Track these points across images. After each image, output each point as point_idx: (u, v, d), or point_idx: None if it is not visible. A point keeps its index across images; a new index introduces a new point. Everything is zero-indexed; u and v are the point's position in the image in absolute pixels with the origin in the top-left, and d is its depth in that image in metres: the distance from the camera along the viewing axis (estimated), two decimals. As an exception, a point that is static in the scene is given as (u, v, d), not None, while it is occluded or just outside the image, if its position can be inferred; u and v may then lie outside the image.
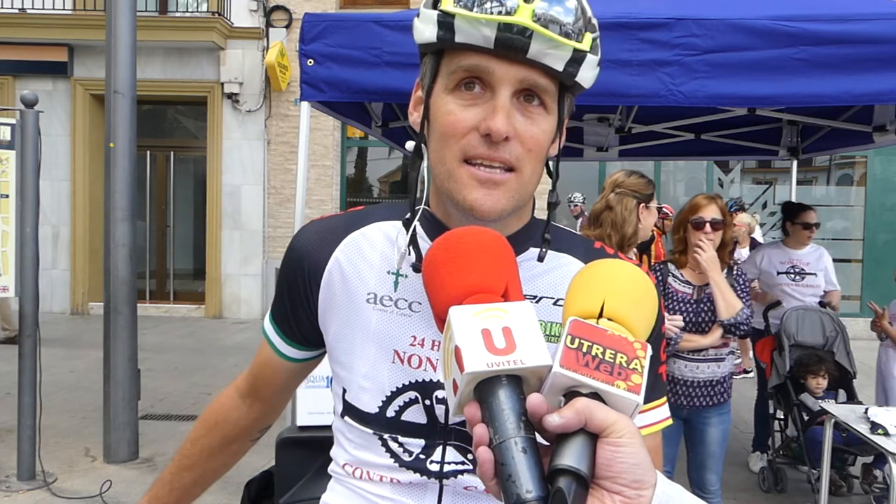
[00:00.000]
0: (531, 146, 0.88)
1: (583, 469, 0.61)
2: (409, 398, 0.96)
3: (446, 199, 0.93)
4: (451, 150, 0.89)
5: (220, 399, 1.24)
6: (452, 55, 0.88)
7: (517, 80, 0.86)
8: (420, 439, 0.96)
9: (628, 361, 0.66)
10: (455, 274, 0.73)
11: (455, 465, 0.96)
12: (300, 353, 1.13)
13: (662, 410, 1.00)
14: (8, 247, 4.27)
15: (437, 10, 0.86)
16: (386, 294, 0.98)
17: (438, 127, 0.90)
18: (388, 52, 2.95)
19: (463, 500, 0.96)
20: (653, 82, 2.84)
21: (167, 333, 9.47)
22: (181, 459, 1.23)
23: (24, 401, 4.27)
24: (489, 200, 0.88)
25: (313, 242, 1.04)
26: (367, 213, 1.06)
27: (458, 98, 0.88)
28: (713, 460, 3.33)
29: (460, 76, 0.88)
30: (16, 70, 10.64)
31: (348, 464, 1.02)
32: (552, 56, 0.85)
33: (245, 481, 1.68)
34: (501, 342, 0.66)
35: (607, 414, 0.62)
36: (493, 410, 0.64)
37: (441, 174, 0.91)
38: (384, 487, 0.98)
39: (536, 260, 0.97)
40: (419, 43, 0.92)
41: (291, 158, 10.47)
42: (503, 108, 0.85)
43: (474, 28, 0.83)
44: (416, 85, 0.99)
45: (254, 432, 1.24)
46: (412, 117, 0.99)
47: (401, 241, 0.98)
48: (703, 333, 3.23)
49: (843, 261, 10.34)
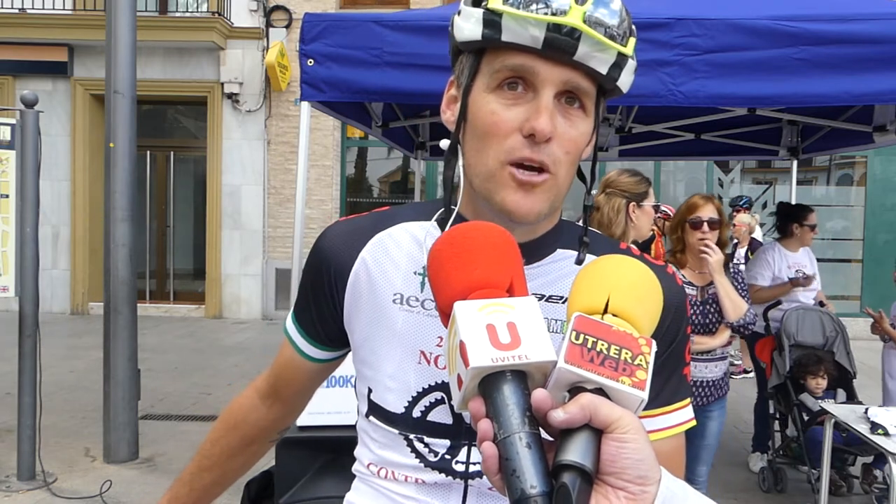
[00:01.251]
0: (569, 149, 0.88)
1: (587, 464, 0.60)
2: (435, 398, 0.96)
3: (481, 199, 0.92)
4: (493, 150, 0.87)
5: (239, 400, 1.24)
6: (496, 54, 0.87)
7: (561, 82, 0.85)
8: (446, 440, 0.96)
9: (633, 357, 0.65)
10: (460, 269, 0.73)
11: (480, 466, 0.96)
12: (323, 354, 1.12)
13: (686, 412, 1.00)
14: (8, 247, 4.27)
15: (482, 8, 0.85)
16: (412, 295, 0.98)
17: (480, 126, 0.89)
18: (388, 52, 2.96)
19: (487, 500, 0.96)
20: (653, 82, 2.84)
21: (167, 333, 9.47)
22: (201, 460, 1.23)
23: (24, 401, 4.27)
24: (527, 203, 0.87)
25: (339, 243, 1.04)
26: (392, 213, 1.05)
27: (500, 97, 0.87)
28: (708, 452, 3.37)
29: (504, 75, 0.87)
30: (16, 70, 10.64)
31: (373, 463, 1.02)
32: (598, 59, 0.84)
33: (245, 481, 1.68)
34: (506, 337, 0.65)
35: (612, 410, 0.62)
36: (497, 405, 0.64)
37: (480, 174, 0.90)
38: (409, 487, 0.98)
39: (574, 262, 0.97)
40: (460, 41, 0.90)
41: (291, 158, 10.47)
42: (547, 109, 0.84)
43: (522, 27, 0.82)
44: (450, 83, 0.98)
45: (273, 433, 1.24)
46: (445, 115, 0.98)
47: (429, 242, 0.98)
48: (711, 334, 3.24)
49: (843, 261, 10.35)
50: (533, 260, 0.96)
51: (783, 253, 4.81)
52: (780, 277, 4.75)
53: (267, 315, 10.77)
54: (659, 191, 10.79)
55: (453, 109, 0.96)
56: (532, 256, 0.95)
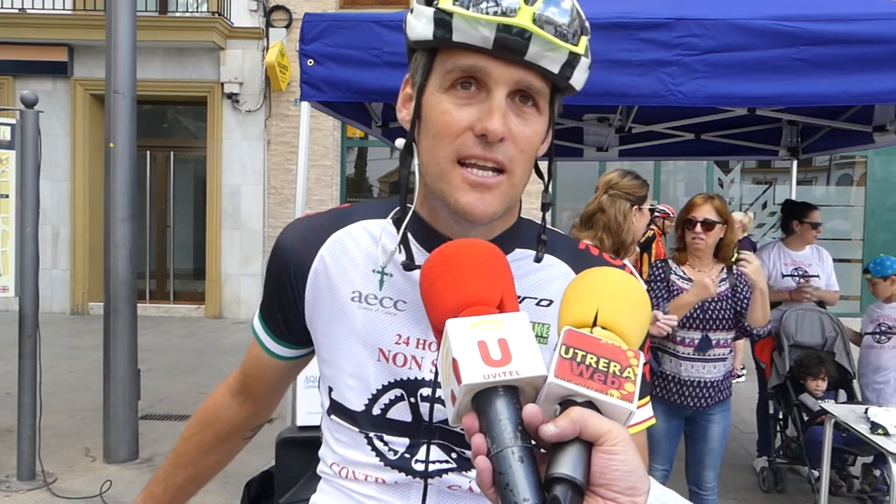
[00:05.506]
0: (524, 147, 0.88)
1: (578, 477, 0.62)
2: (394, 396, 0.97)
3: (436, 199, 0.92)
4: (444, 149, 0.88)
5: (212, 397, 1.25)
6: (448, 54, 0.87)
7: (513, 82, 0.86)
8: (405, 438, 0.97)
9: (621, 370, 0.67)
10: (452, 286, 0.73)
11: (439, 464, 0.96)
12: (289, 352, 1.13)
13: (646, 410, 1.02)
14: (8, 247, 4.27)
15: (432, 8, 0.85)
16: (371, 293, 0.98)
17: (432, 126, 0.89)
18: (387, 53, 2.96)
19: (447, 499, 0.97)
20: (653, 82, 2.83)
21: (167, 333, 9.47)
22: (175, 458, 1.24)
23: (24, 401, 4.27)
24: (481, 204, 0.88)
25: (299, 241, 1.04)
26: (350, 211, 1.06)
27: (452, 97, 0.87)
28: (713, 457, 3.35)
29: (456, 75, 0.87)
30: (16, 70, 10.63)
31: (335, 463, 1.03)
32: (549, 58, 0.85)
33: (245, 481, 1.68)
34: (497, 354, 0.67)
35: (602, 423, 0.63)
36: (490, 420, 0.65)
37: (433, 174, 0.90)
38: (370, 487, 0.99)
39: (533, 261, 0.98)
40: (412, 39, 0.90)
41: (291, 158, 10.47)
42: (499, 109, 0.85)
43: (473, 28, 0.83)
44: (405, 81, 0.98)
45: (246, 430, 1.25)
46: (401, 114, 0.98)
47: (385, 240, 0.99)
48: (713, 330, 3.25)
49: (843, 261, 10.34)
50: None
51: (784, 251, 4.79)
52: (778, 276, 4.75)
53: (267, 315, 10.76)
54: (659, 191, 10.79)
55: (409, 108, 0.96)
56: None
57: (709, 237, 3.28)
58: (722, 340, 3.28)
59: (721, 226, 3.30)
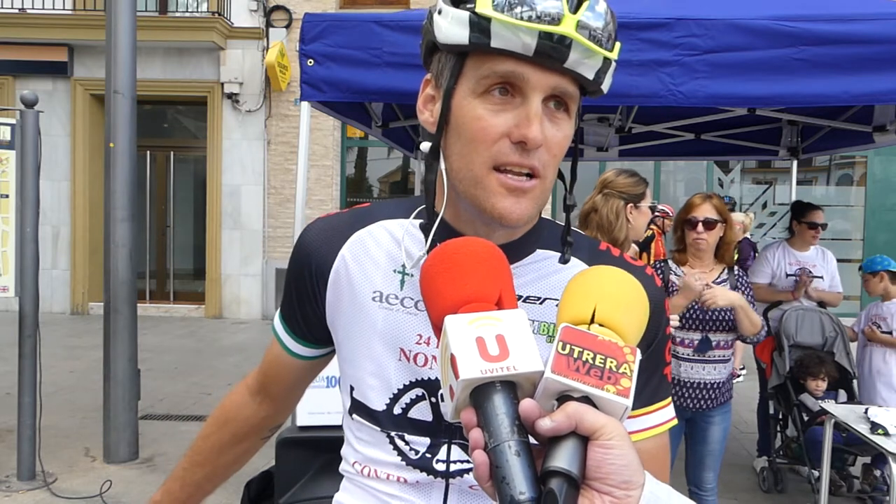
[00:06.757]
0: (556, 152, 0.88)
1: (574, 471, 0.63)
2: (415, 395, 0.97)
3: (466, 204, 0.91)
4: (480, 156, 0.86)
5: (231, 396, 1.25)
6: (482, 58, 0.85)
7: (549, 88, 0.85)
8: (426, 437, 0.97)
9: (618, 366, 0.68)
10: (451, 283, 0.74)
11: (461, 464, 0.96)
12: (310, 351, 1.13)
13: (668, 411, 1.01)
14: (8, 247, 4.27)
15: (467, 11, 0.83)
16: (392, 292, 0.99)
17: (465, 132, 0.87)
18: (387, 53, 2.95)
19: (468, 498, 0.97)
20: (653, 82, 2.83)
21: (167, 333, 9.47)
22: (193, 455, 1.25)
23: (24, 401, 4.27)
24: (518, 209, 0.87)
25: (320, 241, 1.04)
26: (371, 210, 1.06)
27: (486, 102, 0.86)
28: (712, 458, 3.34)
29: (492, 81, 0.85)
30: (16, 70, 10.64)
31: (358, 462, 1.03)
32: (586, 65, 0.85)
33: (245, 481, 1.68)
34: (495, 349, 0.68)
35: (597, 417, 0.64)
36: (487, 415, 0.66)
37: (465, 179, 0.89)
38: (392, 486, 0.99)
39: (558, 262, 0.98)
40: (442, 42, 0.87)
41: (291, 158, 10.47)
42: (537, 116, 0.84)
43: (514, 34, 0.81)
44: (425, 82, 0.96)
45: (264, 430, 1.25)
46: (422, 115, 0.96)
47: (407, 242, 0.99)
48: (713, 331, 3.24)
49: (843, 261, 10.30)
50: (512, 261, 0.95)
51: (787, 251, 4.81)
52: (782, 275, 4.76)
53: (267, 315, 10.76)
54: (659, 191, 10.79)
55: (432, 110, 0.94)
56: (511, 257, 0.95)
57: (710, 236, 3.28)
58: (722, 342, 3.28)
59: (721, 224, 3.30)
